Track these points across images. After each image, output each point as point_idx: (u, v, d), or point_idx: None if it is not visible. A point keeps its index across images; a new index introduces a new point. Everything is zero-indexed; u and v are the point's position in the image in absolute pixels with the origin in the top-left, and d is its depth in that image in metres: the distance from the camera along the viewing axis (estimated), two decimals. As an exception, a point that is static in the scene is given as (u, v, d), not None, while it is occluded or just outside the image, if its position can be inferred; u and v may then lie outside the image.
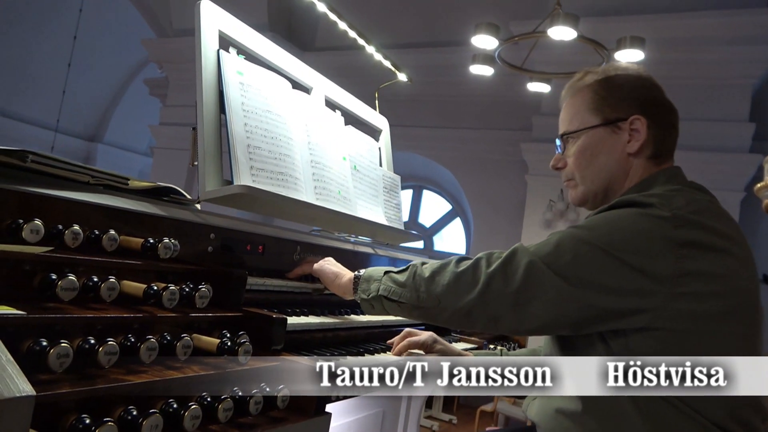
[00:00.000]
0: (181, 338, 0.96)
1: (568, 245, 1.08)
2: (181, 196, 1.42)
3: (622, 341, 1.06)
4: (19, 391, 0.59)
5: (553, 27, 4.07)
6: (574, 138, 1.25)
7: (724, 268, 1.05)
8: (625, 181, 1.22)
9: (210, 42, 1.38)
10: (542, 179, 6.73)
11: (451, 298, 1.14)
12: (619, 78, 1.23)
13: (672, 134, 1.23)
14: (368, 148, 2.00)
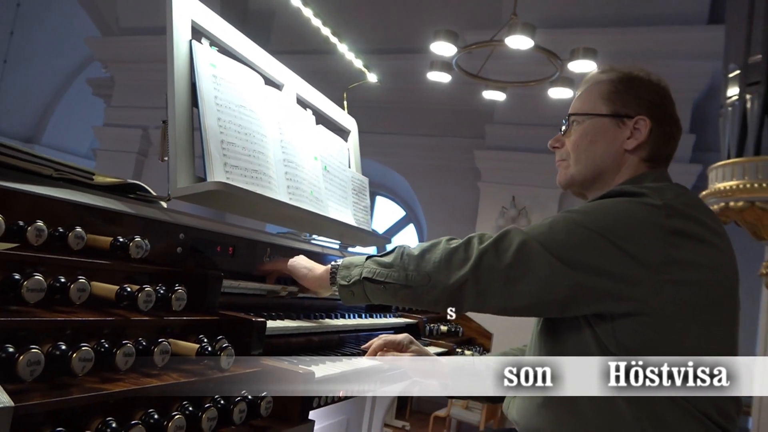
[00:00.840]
0: (158, 343, 0.89)
1: (561, 226, 1.09)
2: (147, 193, 1.34)
3: (608, 327, 1.07)
4: (-5, 401, 0.52)
5: (511, 36, 4.13)
6: (579, 121, 1.27)
7: (709, 259, 1.08)
8: (616, 176, 1.24)
9: (182, 31, 1.31)
10: (495, 186, 6.84)
11: (442, 274, 1.13)
12: (640, 79, 1.25)
13: (670, 144, 1.25)
14: (338, 149, 1.96)
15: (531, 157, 6.61)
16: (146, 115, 8.55)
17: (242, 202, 1.35)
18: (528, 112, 6.58)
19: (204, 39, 1.39)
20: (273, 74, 1.66)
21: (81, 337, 0.84)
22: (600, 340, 1.08)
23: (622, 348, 1.05)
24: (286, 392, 1.01)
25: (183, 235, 1.25)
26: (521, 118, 6.69)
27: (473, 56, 5.25)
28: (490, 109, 6.90)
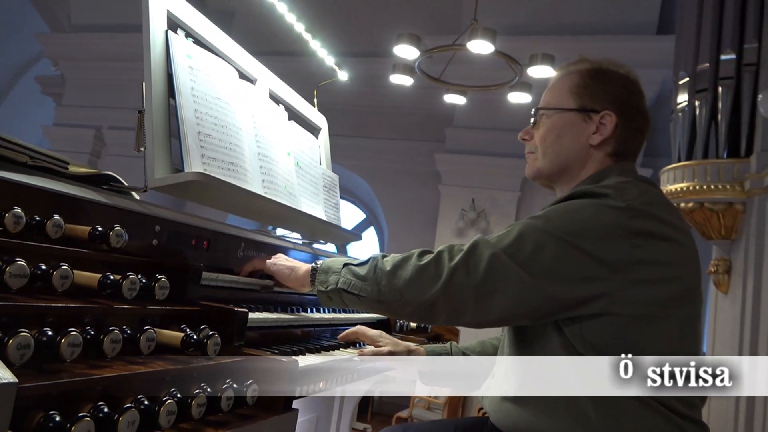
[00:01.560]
0: (144, 331, 0.87)
1: (528, 236, 1.09)
2: (120, 184, 1.32)
3: (576, 327, 1.09)
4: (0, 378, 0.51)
5: (473, 41, 4.20)
6: (548, 115, 1.28)
7: (673, 256, 1.11)
8: (582, 170, 1.26)
9: (158, 22, 1.29)
10: (455, 189, 6.93)
11: (413, 291, 1.12)
12: (609, 73, 1.26)
13: (637, 139, 1.27)
14: (310, 146, 1.96)
15: (490, 161, 6.73)
16: (99, 115, 8.32)
17: (219, 194, 1.34)
18: (488, 116, 6.70)
19: (179, 30, 1.38)
20: (246, 68, 1.65)
21: (64, 325, 0.82)
22: (567, 340, 1.10)
23: (588, 347, 1.08)
24: (271, 381, 1.00)
25: (159, 227, 1.23)
26: (481, 122, 6.81)
27: (435, 61, 5.32)
28: (450, 113, 7.00)
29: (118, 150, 7.95)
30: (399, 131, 7.37)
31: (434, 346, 1.54)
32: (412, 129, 7.42)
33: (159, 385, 0.88)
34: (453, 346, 1.55)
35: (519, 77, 4.80)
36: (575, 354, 1.09)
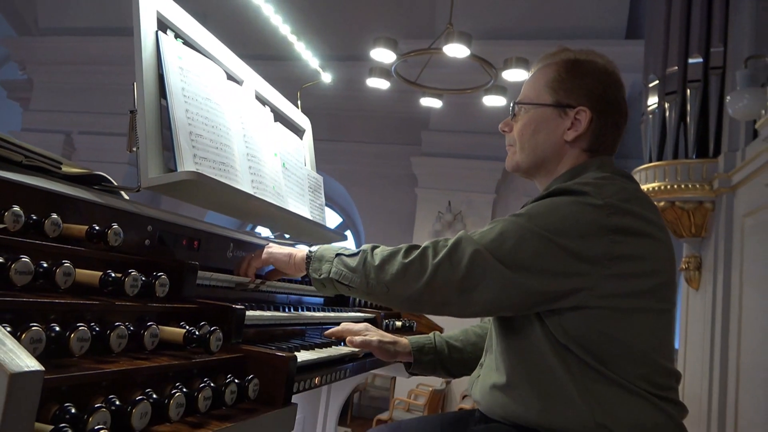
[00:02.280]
0: (147, 327, 0.88)
1: (510, 233, 1.12)
2: (110, 184, 1.32)
3: (556, 319, 1.13)
4: (26, 366, 0.52)
5: (449, 44, 4.26)
6: (525, 109, 1.30)
7: (649, 250, 1.14)
8: (558, 165, 1.28)
9: (148, 22, 1.29)
10: (431, 192, 7.00)
11: (399, 286, 1.16)
12: (585, 66, 1.27)
13: (613, 133, 1.28)
14: (295, 147, 1.97)
15: (466, 163, 6.81)
16: (69, 120, 8.17)
17: (211, 193, 1.35)
18: (463, 119, 6.78)
19: (169, 31, 1.38)
20: (233, 70, 1.66)
21: (68, 322, 0.82)
22: (549, 331, 1.14)
23: (569, 338, 1.12)
24: (271, 376, 1.02)
25: (151, 227, 1.24)
26: (457, 125, 6.88)
27: (410, 65, 5.37)
28: (426, 117, 7.07)
29: (89, 155, 7.82)
30: (375, 135, 7.41)
31: (418, 337, 1.57)
32: (388, 132, 7.46)
33: (163, 380, 0.89)
34: (436, 336, 1.58)
35: (494, 81, 4.88)
36: (556, 343, 1.13)
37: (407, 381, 6.32)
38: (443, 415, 1.57)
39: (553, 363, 1.12)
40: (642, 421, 1.10)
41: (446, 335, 1.58)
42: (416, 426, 1.53)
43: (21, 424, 0.51)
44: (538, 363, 1.15)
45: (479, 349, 1.52)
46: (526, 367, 1.17)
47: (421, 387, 6.25)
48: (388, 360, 1.50)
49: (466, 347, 1.54)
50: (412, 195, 7.16)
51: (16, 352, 0.53)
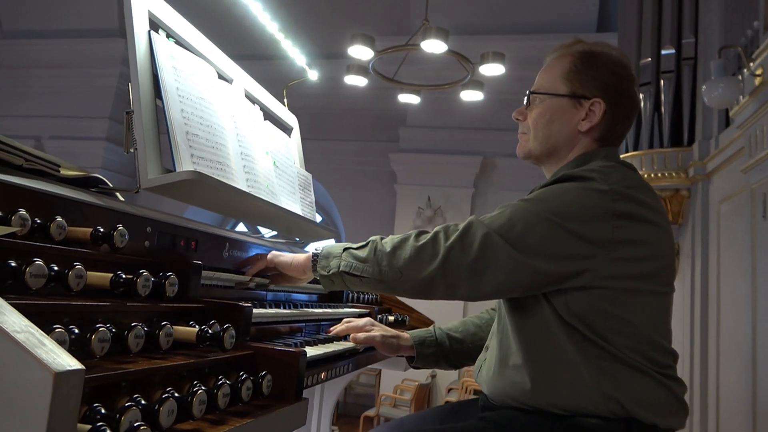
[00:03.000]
0: (162, 327, 0.88)
1: (519, 217, 1.16)
2: (106, 185, 1.31)
3: (562, 298, 1.17)
4: (68, 365, 0.52)
5: (426, 40, 4.28)
6: (541, 99, 1.32)
7: (651, 236, 1.18)
8: (569, 153, 1.31)
9: (141, 22, 1.28)
10: (410, 188, 7.02)
11: (413, 270, 1.18)
12: (600, 58, 1.29)
13: (624, 124, 1.32)
14: (285, 145, 1.97)
15: (444, 159, 6.85)
16: (38, 125, 8.00)
17: (209, 192, 1.35)
18: (441, 114, 6.81)
19: (161, 30, 1.37)
20: (223, 68, 1.65)
21: (82, 324, 0.82)
22: (555, 310, 1.17)
23: (574, 316, 1.15)
24: (283, 371, 1.02)
25: (150, 228, 1.23)
26: (434, 120, 6.92)
27: (387, 62, 5.36)
28: (403, 113, 7.09)
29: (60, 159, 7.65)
30: (353, 132, 7.41)
31: (419, 330, 1.59)
32: (366, 129, 7.46)
33: (179, 378, 0.89)
34: (436, 329, 1.60)
35: (471, 75, 4.91)
36: (563, 321, 1.16)
37: (392, 377, 6.35)
38: (443, 407, 1.59)
39: (562, 339, 1.16)
40: (647, 395, 1.14)
41: (446, 327, 1.60)
42: (418, 421, 1.55)
43: (65, 422, 0.51)
44: (546, 340, 1.18)
45: (479, 339, 1.54)
46: (535, 344, 1.20)
47: (406, 382, 6.28)
48: (391, 354, 1.52)
49: (466, 338, 1.57)
50: (392, 191, 7.18)
51: (57, 352, 0.53)
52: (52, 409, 0.49)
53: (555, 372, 1.17)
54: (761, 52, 2.64)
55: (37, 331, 0.55)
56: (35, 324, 0.74)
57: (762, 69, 2.57)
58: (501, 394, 1.25)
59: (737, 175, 3.19)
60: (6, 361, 0.51)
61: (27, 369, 0.50)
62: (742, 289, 2.83)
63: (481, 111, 6.35)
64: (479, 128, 6.82)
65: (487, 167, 6.96)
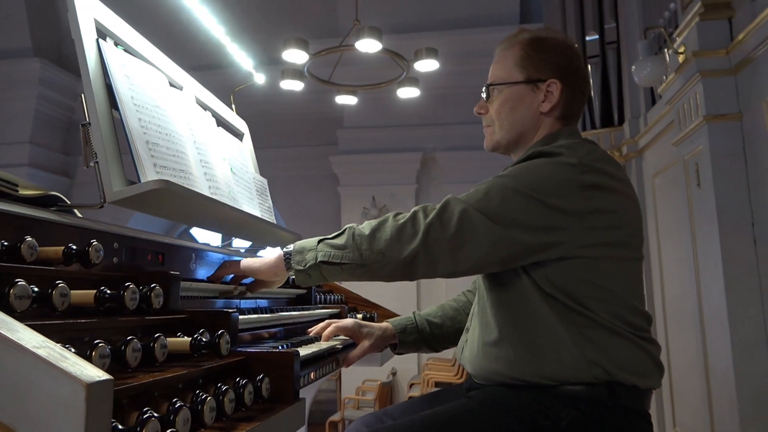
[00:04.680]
0: (156, 339, 0.85)
1: (495, 192, 1.20)
2: (64, 203, 1.25)
3: (542, 272, 1.21)
4: (97, 376, 0.50)
5: (361, 40, 4.29)
6: (499, 89, 1.36)
7: (620, 205, 1.24)
8: (535, 136, 1.36)
9: (88, 30, 1.23)
10: (354, 189, 7.02)
11: (394, 249, 1.19)
12: (548, 42, 1.35)
13: (580, 99, 1.38)
14: (239, 151, 1.94)
15: (385, 157, 6.89)
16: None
17: (176, 202, 1.31)
18: (378, 113, 6.85)
19: (108, 38, 1.32)
20: (172, 75, 1.60)
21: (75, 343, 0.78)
22: (535, 282, 1.21)
23: (553, 286, 1.20)
24: (278, 373, 1.01)
25: (117, 244, 1.19)
26: (372, 120, 6.95)
27: (321, 66, 5.34)
28: (339, 116, 7.08)
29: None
30: (292, 138, 7.34)
31: (399, 318, 1.61)
32: (305, 134, 7.41)
33: (179, 389, 0.86)
34: (416, 315, 1.62)
35: (406, 73, 4.97)
36: (543, 292, 1.21)
37: (353, 379, 6.33)
38: (428, 395, 1.60)
39: (543, 311, 1.20)
40: (627, 358, 1.19)
41: (424, 313, 1.62)
42: (404, 410, 1.56)
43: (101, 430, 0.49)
44: (528, 312, 1.21)
45: (458, 322, 1.57)
46: (516, 318, 1.24)
47: (367, 383, 6.28)
48: (380, 349, 1.53)
49: (445, 322, 1.59)
50: (335, 194, 7.16)
51: (82, 364, 0.51)
52: (88, 421, 0.47)
53: (538, 343, 1.20)
54: (681, 31, 2.81)
55: (56, 345, 0.52)
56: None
57: (684, 47, 2.73)
58: (486, 371, 1.28)
59: (668, 148, 3.37)
60: (30, 377, 0.48)
61: (56, 383, 0.48)
62: (684, 255, 2.99)
63: (419, 107, 6.43)
64: (417, 124, 6.90)
65: (427, 162, 7.05)
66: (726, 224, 2.53)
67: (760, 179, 2.46)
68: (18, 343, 0.49)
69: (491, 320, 1.27)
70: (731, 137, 2.55)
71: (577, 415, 1.17)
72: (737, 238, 2.51)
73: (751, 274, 2.47)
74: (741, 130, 2.55)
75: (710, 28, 2.60)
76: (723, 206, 2.53)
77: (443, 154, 6.88)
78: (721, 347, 2.56)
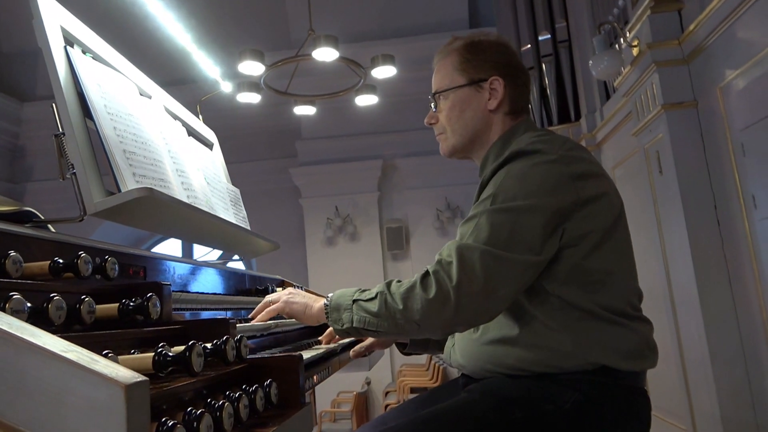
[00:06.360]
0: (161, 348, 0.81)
1: (498, 221, 1.16)
2: (38, 218, 1.19)
3: (545, 271, 1.20)
4: (133, 377, 0.46)
5: (317, 48, 4.27)
6: (444, 96, 1.38)
7: (605, 187, 1.25)
8: (489, 134, 1.37)
9: (56, 38, 1.18)
10: (316, 200, 6.97)
11: (430, 321, 1.15)
12: (483, 43, 1.38)
13: (525, 93, 1.40)
14: (211, 160, 1.89)
15: (345, 166, 6.87)
16: None
17: (157, 212, 1.26)
18: (337, 123, 6.83)
19: (75, 46, 1.27)
20: (140, 84, 1.55)
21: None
22: (539, 283, 1.20)
23: (553, 281, 1.19)
24: (284, 378, 0.98)
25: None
26: (331, 130, 6.92)
27: (278, 78, 5.30)
28: (297, 127, 7.03)
29: None
30: (250, 153, 7.23)
31: None
32: (262, 148, 7.32)
33: (186, 400, 0.82)
34: None
35: (363, 80, 4.97)
36: (540, 289, 1.20)
37: (327, 392, 6.25)
38: (422, 396, 1.58)
39: (539, 306, 1.20)
40: (622, 345, 1.20)
41: None
42: (401, 413, 1.54)
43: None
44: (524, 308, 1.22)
45: None
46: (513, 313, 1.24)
47: (342, 395, 6.21)
48: (385, 348, 1.52)
49: None
50: (298, 206, 7.10)
51: (114, 366, 0.47)
52: (129, 424, 0.44)
53: (535, 339, 1.20)
54: (633, 25, 2.90)
55: (82, 349, 0.48)
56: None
57: (638, 40, 2.82)
58: (481, 370, 1.28)
59: (626, 139, 3.47)
60: (62, 382, 0.45)
61: (91, 387, 0.45)
62: (651, 241, 3.07)
63: (377, 115, 6.45)
64: (376, 132, 6.91)
65: (388, 169, 7.06)
66: (690, 208, 2.61)
67: (718, 162, 2.55)
68: (45, 348, 0.45)
69: (494, 322, 1.27)
70: (689, 124, 2.64)
71: (579, 397, 1.17)
72: (702, 220, 2.59)
73: (717, 254, 2.55)
74: (697, 116, 2.64)
75: (661, 20, 2.70)
76: (686, 190, 2.61)
77: (403, 161, 6.91)
78: (694, 327, 2.64)
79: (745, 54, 2.27)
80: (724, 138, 2.48)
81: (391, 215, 7.03)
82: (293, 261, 6.90)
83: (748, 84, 2.28)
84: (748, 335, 2.48)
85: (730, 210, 2.50)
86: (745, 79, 2.29)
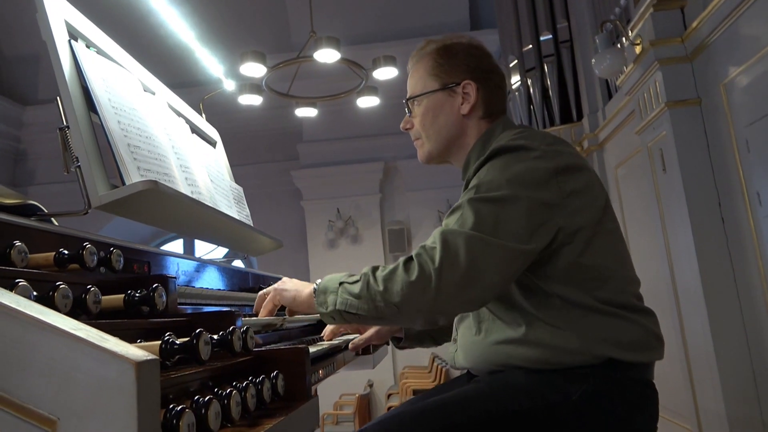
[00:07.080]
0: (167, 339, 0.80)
1: (483, 209, 1.15)
2: (42, 212, 1.19)
3: (540, 268, 1.19)
4: (144, 355, 0.46)
5: (319, 50, 4.27)
6: (418, 101, 1.38)
7: (590, 179, 1.24)
8: (465, 139, 1.36)
9: (60, 32, 1.18)
10: (317, 203, 6.97)
11: (409, 304, 1.12)
12: (455, 47, 1.37)
13: (499, 95, 1.39)
14: (214, 158, 1.88)
15: (347, 169, 6.87)
16: None
17: (161, 206, 1.25)
18: (338, 125, 6.83)
19: (80, 40, 1.27)
20: (144, 80, 1.55)
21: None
22: (532, 278, 1.20)
23: (551, 279, 1.19)
24: (291, 370, 0.97)
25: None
26: (332, 132, 6.93)
27: (279, 80, 5.30)
28: (299, 129, 7.04)
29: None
30: (252, 155, 7.23)
31: None
32: (264, 150, 7.33)
33: (193, 390, 0.81)
34: None
35: (365, 82, 4.97)
36: (538, 287, 1.19)
37: (329, 394, 6.24)
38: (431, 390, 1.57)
39: (540, 304, 1.19)
40: (628, 338, 1.19)
41: None
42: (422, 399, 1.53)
43: (153, 413, 0.45)
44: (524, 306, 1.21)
45: None
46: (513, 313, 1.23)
47: (345, 397, 6.20)
48: (382, 341, 1.50)
49: None
50: (299, 209, 7.09)
51: (123, 344, 0.46)
52: (140, 402, 0.43)
53: (539, 337, 1.19)
54: (636, 23, 2.89)
55: (92, 328, 0.48)
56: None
57: (640, 38, 2.81)
58: (488, 367, 1.27)
59: (629, 138, 3.46)
60: (71, 360, 0.44)
61: (100, 365, 0.44)
62: (655, 240, 3.06)
63: (378, 117, 6.45)
64: (378, 134, 6.91)
65: (389, 171, 7.06)
66: (694, 206, 2.59)
67: (722, 159, 2.54)
68: (54, 325, 0.45)
69: (486, 320, 1.26)
70: (693, 121, 2.63)
71: (587, 388, 1.16)
72: (706, 218, 2.58)
73: (722, 252, 2.54)
74: (701, 114, 2.63)
75: (664, 18, 2.69)
76: (690, 188, 2.60)
77: (405, 162, 6.91)
78: (699, 326, 2.62)
79: (749, 50, 2.26)
80: (728, 135, 2.47)
81: (393, 217, 7.02)
82: (295, 263, 6.89)
83: (751, 80, 2.28)
84: (753, 333, 2.47)
85: (735, 207, 2.49)
86: (749, 76, 2.29)
